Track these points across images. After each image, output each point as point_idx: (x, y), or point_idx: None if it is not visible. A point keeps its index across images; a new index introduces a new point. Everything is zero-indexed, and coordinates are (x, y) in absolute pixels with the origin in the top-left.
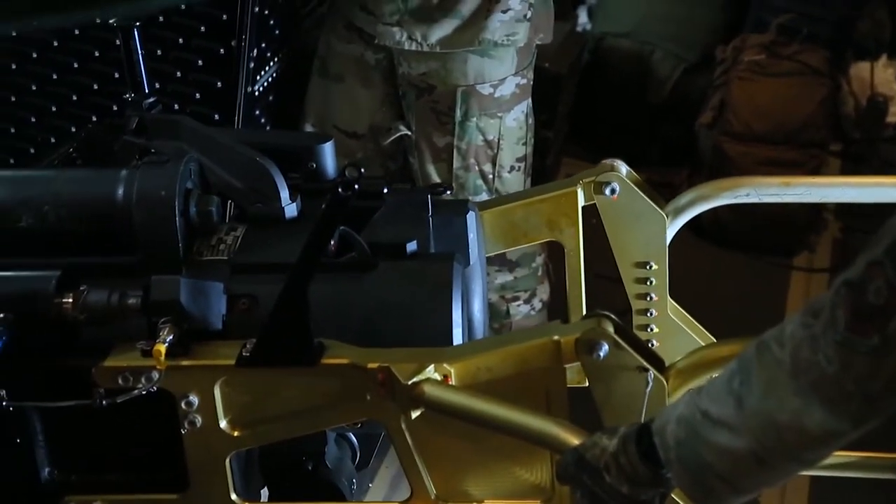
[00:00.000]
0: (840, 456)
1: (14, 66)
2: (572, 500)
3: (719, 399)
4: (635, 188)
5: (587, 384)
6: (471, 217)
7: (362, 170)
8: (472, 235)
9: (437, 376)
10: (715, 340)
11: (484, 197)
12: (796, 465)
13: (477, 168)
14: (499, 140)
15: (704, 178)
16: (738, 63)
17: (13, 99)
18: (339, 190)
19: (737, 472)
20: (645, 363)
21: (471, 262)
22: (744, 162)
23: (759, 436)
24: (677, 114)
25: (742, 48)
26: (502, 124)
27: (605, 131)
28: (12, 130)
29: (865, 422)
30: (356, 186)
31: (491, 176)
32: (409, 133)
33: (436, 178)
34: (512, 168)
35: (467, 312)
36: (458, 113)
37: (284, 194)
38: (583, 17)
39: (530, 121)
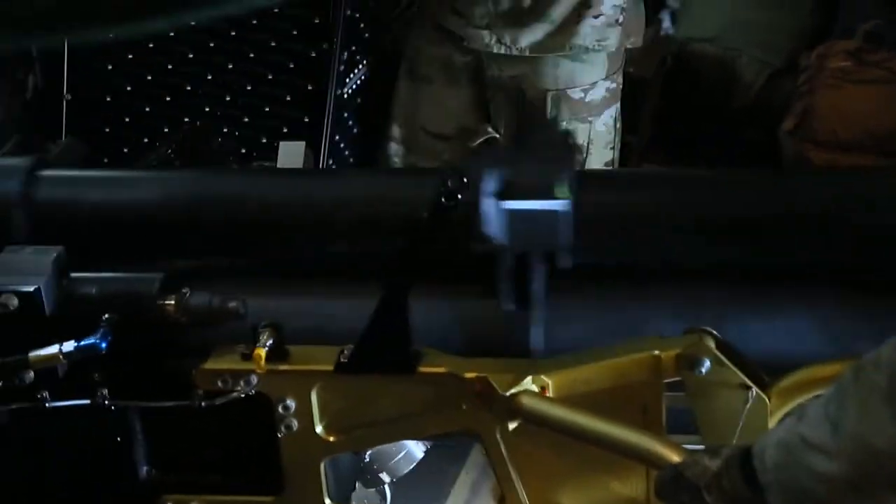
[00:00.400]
0: None
1: (110, 67)
2: None
3: (816, 424)
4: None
5: None
6: None
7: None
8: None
9: (535, 388)
10: None
11: None
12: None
13: None
14: (588, 144)
15: None
16: (824, 70)
17: (108, 100)
18: (442, 200)
19: (834, 499)
20: (747, 380)
21: None
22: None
23: (856, 462)
24: (762, 119)
25: (827, 55)
26: (592, 129)
27: (688, 136)
28: (107, 130)
29: None
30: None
31: None
32: (498, 136)
33: None
34: None
35: None
36: (549, 117)
37: None
38: (666, 22)
39: (618, 125)
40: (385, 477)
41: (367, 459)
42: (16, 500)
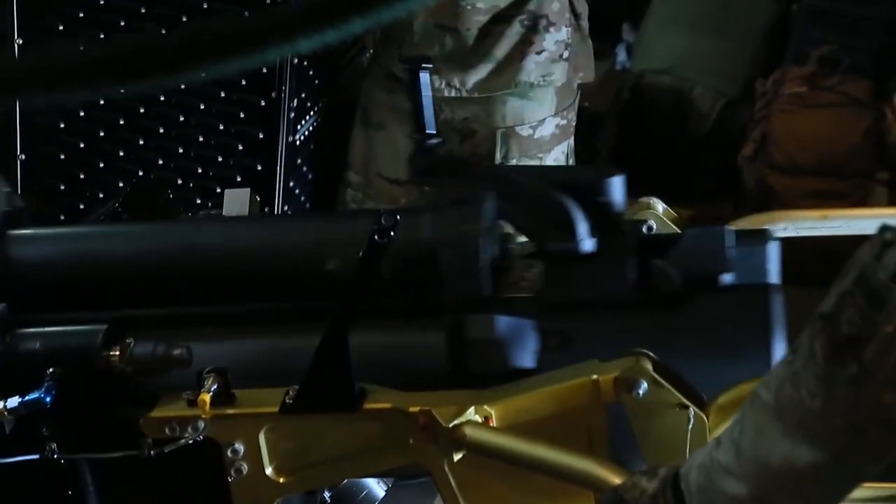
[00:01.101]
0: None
1: (62, 125)
2: None
3: (725, 447)
4: (672, 226)
5: None
6: (773, 246)
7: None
8: (772, 266)
9: (479, 418)
10: None
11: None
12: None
13: None
14: None
15: (749, 210)
16: (780, 96)
17: (62, 157)
18: (376, 236)
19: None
20: (685, 400)
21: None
22: (788, 195)
23: (758, 482)
24: (720, 148)
25: (783, 81)
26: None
27: (647, 168)
28: (62, 188)
29: (857, 456)
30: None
31: None
32: None
33: None
34: None
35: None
36: (498, 155)
37: (582, 229)
38: (621, 55)
39: (570, 161)
40: None
41: (328, 501)
42: None
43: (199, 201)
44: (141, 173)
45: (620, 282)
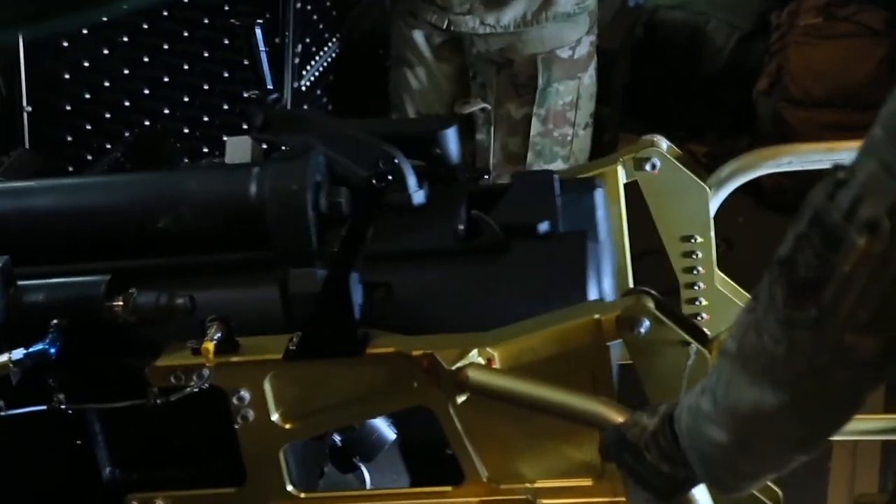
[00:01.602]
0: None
1: (68, 77)
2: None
3: (706, 395)
4: (676, 162)
5: None
6: (599, 193)
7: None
8: (600, 213)
9: (481, 360)
10: None
11: (559, 164)
12: (788, 448)
13: (556, 132)
14: (577, 100)
15: (766, 145)
16: (795, 27)
17: (68, 108)
18: (374, 182)
19: (732, 461)
20: (687, 337)
21: (600, 239)
22: (805, 127)
23: (734, 429)
24: (735, 83)
25: (798, 12)
26: (580, 84)
27: (663, 105)
28: (69, 139)
29: (824, 398)
30: (386, 180)
31: (570, 136)
32: (488, 106)
33: (513, 151)
34: (586, 125)
35: (599, 291)
36: (541, 80)
37: (412, 181)
38: None
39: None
40: (359, 461)
41: (340, 445)
42: None
43: (206, 150)
44: (147, 123)
45: (446, 233)
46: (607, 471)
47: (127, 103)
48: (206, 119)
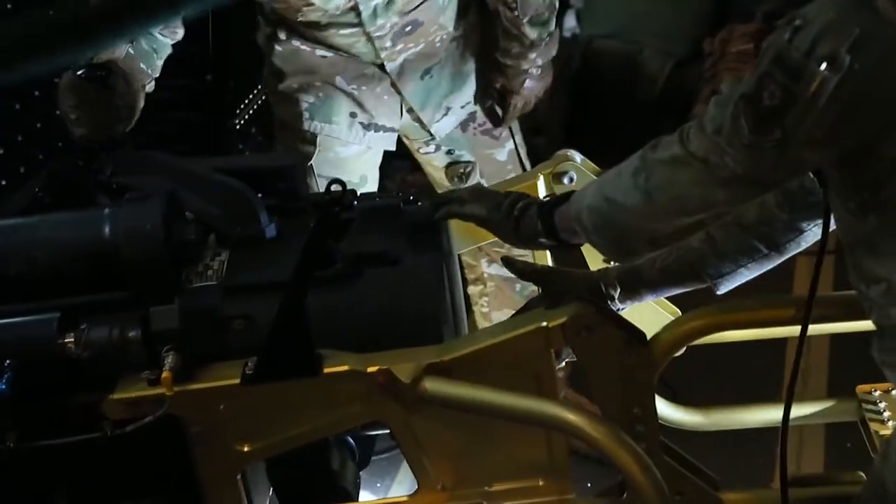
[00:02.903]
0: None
1: None
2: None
3: (627, 192)
4: (592, 175)
5: None
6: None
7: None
8: (445, 237)
9: (437, 372)
10: (678, 311)
11: None
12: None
13: None
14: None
15: None
16: (727, 54)
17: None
18: (329, 206)
19: (653, 234)
20: (629, 337)
21: (447, 262)
22: None
23: (673, 215)
24: (672, 109)
25: (729, 39)
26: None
27: (601, 134)
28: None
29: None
30: (343, 203)
31: None
32: None
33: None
34: None
35: (452, 309)
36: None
37: (263, 216)
38: (570, 22)
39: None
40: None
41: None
42: None
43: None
44: (80, 163)
45: (296, 263)
46: (555, 468)
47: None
48: None
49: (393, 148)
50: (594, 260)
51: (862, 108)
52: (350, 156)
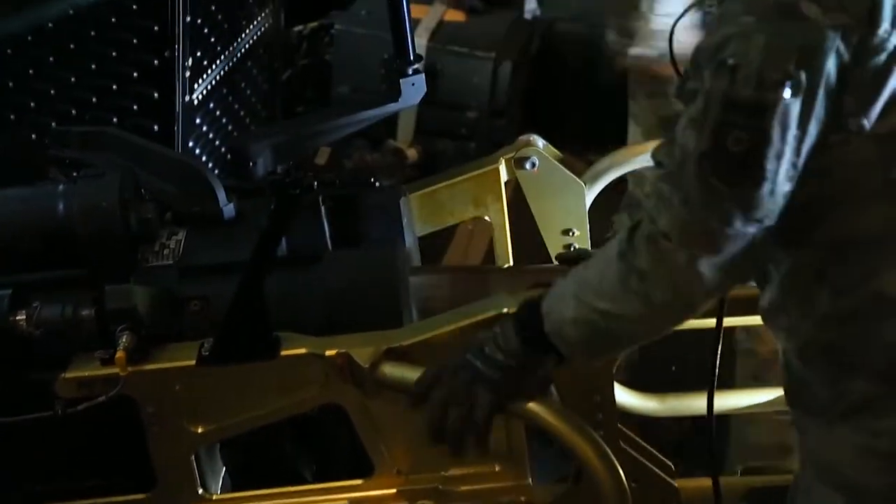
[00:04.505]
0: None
1: None
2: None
3: (623, 300)
4: (553, 161)
5: None
6: (403, 202)
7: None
8: (405, 220)
9: (394, 357)
10: None
11: None
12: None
13: None
14: None
15: None
16: None
17: None
18: (290, 188)
19: (655, 336)
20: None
21: (406, 245)
22: None
23: (680, 312)
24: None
25: None
26: None
27: (562, 115)
28: None
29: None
30: (304, 184)
31: None
32: None
33: None
34: None
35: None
36: None
37: (221, 196)
38: (531, 4)
39: None
40: None
41: None
42: None
43: None
44: (34, 136)
45: (256, 243)
46: (513, 455)
47: (11, 117)
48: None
49: None
50: (549, 229)
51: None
52: None
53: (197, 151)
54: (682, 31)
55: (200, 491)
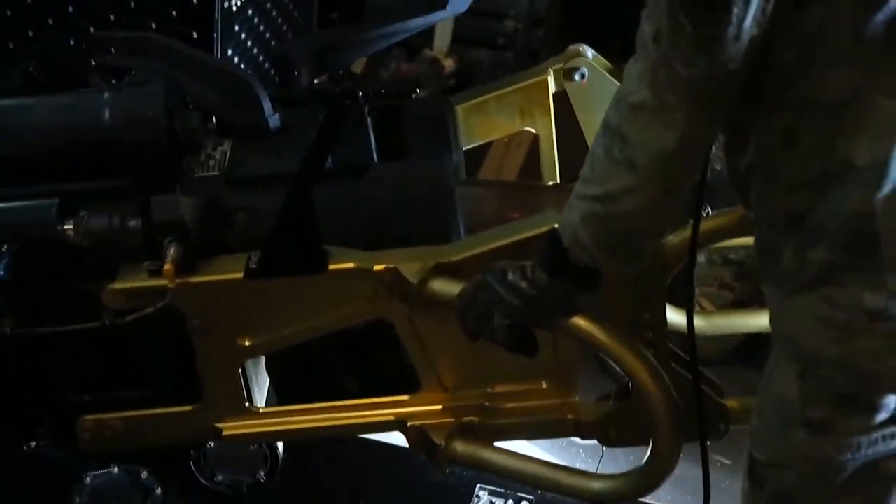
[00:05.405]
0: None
1: None
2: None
3: (611, 175)
4: (604, 72)
5: None
6: (450, 113)
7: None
8: (452, 132)
9: (444, 272)
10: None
11: None
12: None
13: None
14: None
15: None
16: None
17: None
18: (341, 99)
19: (654, 218)
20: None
21: (453, 158)
22: None
23: (662, 174)
24: None
25: None
26: None
27: (600, 24)
28: None
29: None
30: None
31: None
32: None
33: None
34: None
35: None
36: None
37: (267, 106)
38: None
39: None
40: None
41: None
42: None
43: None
44: (72, 42)
45: (303, 155)
46: (558, 371)
47: (50, 21)
48: None
49: None
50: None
51: None
52: None
53: (236, 60)
54: None
55: (247, 404)
